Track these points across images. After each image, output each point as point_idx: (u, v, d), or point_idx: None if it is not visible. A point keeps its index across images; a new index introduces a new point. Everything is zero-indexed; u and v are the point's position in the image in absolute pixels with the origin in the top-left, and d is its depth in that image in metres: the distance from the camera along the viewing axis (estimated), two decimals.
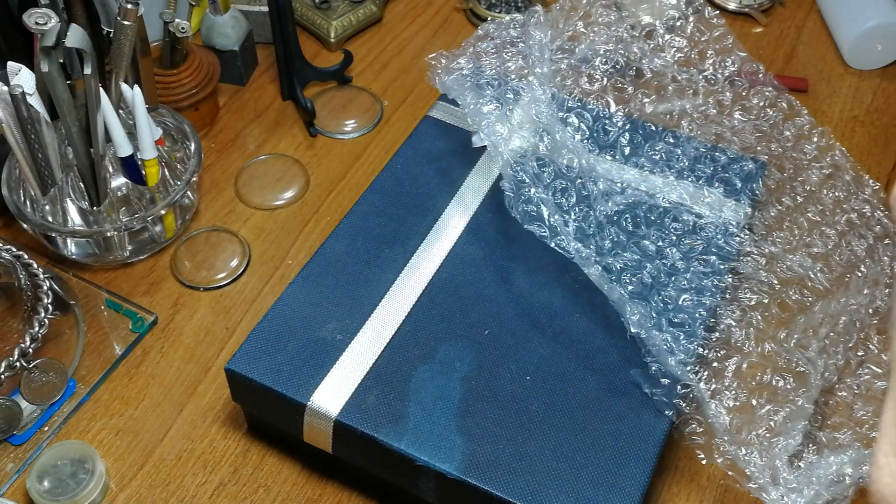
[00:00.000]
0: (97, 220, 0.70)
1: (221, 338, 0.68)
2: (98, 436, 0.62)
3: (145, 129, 0.68)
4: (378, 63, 0.89)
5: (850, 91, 0.86)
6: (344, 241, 0.64)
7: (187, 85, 0.78)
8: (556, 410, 0.55)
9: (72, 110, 0.64)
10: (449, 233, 0.64)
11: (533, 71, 0.65)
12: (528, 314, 0.60)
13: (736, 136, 0.71)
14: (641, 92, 0.72)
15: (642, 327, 0.55)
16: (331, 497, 0.60)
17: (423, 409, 0.55)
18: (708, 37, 0.74)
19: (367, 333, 0.58)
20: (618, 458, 0.53)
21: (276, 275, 0.72)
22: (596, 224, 0.61)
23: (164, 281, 0.71)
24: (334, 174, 0.79)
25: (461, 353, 0.58)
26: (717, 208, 0.65)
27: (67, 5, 0.69)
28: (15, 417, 0.61)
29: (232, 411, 0.63)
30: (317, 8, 0.91)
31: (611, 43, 0.72)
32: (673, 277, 0.60)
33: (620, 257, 0.60)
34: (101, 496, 0.59)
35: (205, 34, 0.84)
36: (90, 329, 0.67)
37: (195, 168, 0.70)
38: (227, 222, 0.75)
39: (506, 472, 0.52)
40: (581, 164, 0.62)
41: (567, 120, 0.68)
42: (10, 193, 0.68)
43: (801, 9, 0.95)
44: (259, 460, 0.61)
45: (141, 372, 0.66)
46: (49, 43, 0.59)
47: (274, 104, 0.85)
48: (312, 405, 0.55)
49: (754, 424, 0.56)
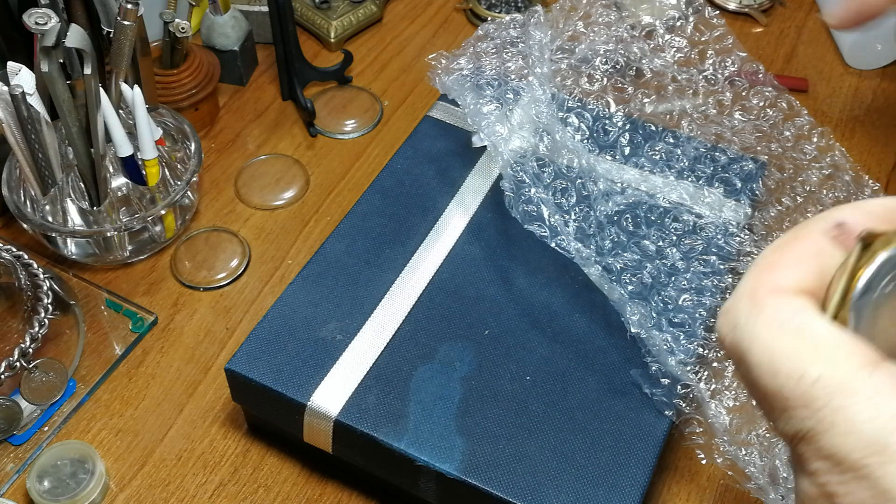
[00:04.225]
0: (97, 220, 0.70)
1: (221, 338, 0.68)
2: (98, 436, 0.62)
3: (145, 129, 0.68)
4: (378, 63, 0.89)
5: (850, 91, 0.86)
6: (344, 241, 0.64)
7: (187, 85, 0.78)
8: (556, 410, 0.55)
9: (72, 110, 0.64)
10: (449, 233, 0.64)
11: (533, 71, 0.65)
12: (528, 314, 0.60)
13: (736, 136, 0.71)
14: (641, 92, 0.72)
15: (642, 327, 0.55)
16: (331, 497, 0.60)
17: (423, 409, 0.55)
18: (708, 37, 0.74)
19: (367, 333, 0.58)
20: (618, 458, 0.53)
21: (276, 275, 0.72)
22: (596, 224, 0.61)
23: (164, 281, 0.71)
24: (334, 174, 0.79)
25: (461, 353, 0.58)
26: (717, 208, 0.65)
27: (67, 5, 0.69)
28: (15, 417, 0.61)
29: (232, 411, 0.63)
30: (317, 8, 0.91)
31: (611, 43, 0.72)
32: (673, 277, 0.60)
33: (620, 257, 0.60)
34: (101, 496, 0.59)
35: (205, 34, 0.84)
36: (90, 329, 0.67)
37: (195, 168, 0.70)
38: (227, 222, 0.75)
39: (506, 472, 0.52)
40: (581, 164, 0.62)
41: (567, 120, 0.68)
42: (10, 193, 0.68)
43: (801, 9, 0.95)
44: (259, 460, 0.61)
45: (141, 372, 0.66)
46: (49, 43, 0.59)
47: (274, 104, 0.85)
48: (312, 405, 0.55)
49: (754, 424, 0.56)
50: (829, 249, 0.31)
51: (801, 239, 0.31)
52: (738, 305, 0.31)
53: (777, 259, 0.31)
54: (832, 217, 0.31)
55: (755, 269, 0.31)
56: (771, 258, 0.31)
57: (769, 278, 0.31)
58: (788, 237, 0.32)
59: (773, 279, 0.30)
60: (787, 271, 0.30)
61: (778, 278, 0.30)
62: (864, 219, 0.31)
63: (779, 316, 0.29)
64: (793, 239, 0.31)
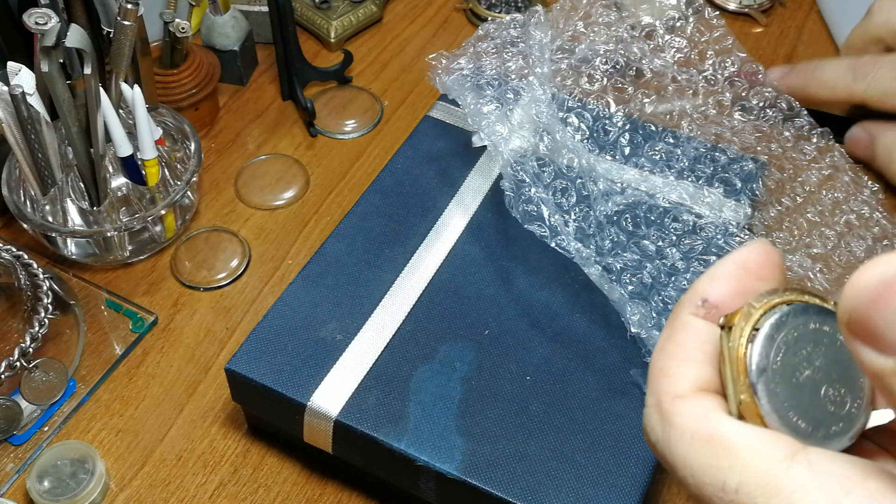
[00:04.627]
0: (97, 220, 0.70)
1: (221, 338, 0.68)
2: (98, 436, 0.62)
3: (145, 129, 0.68)
4: (378, 63, 0.89)
5: None
6: (344, 241, 0.64)
7: (187, 85, 0.78)
8: (556, 410, 0.55)
9: (72, 110, 0.64)
10: (449, 233, 0.64)
11: (533, 71, 0.65)
12: (528, 314, 0.60)
13: (736, 136, 0.71)
14: (641, 92, 0.72)
15: (642, 327, 0.55)
16: (331, 497, 0.60)
17: (423, 409, 0.55)
18: (708, 37, 0.74)
19: (367, 333, 0.58)
20: (618, 458, 0.53)
21: (276, 275, 0.72)
22: (596, 224, 0.61)
23: (164, 281, 0.71)
24: (334, 174, 0.79)
25: (461, 353, 0.58)
26: (717, 208, 0.65)
27: (67, 5, 0.69)
28: (15, 417, 0.61)
29: (232, 411, 0.63)
30: (317, 8, 0.91)
31: (611, 43, 0.72)
32: (673, 277, 0.60)
33: (620, 257, 0.60)
34: (101, 496, 0.59)
35: (205, 34, 0.84)
36: (90, 329, 0.67)
37: (195, 168, 0.70)
38: (227, 222, 0.75)
39: (506, 472, 0.52)
40: (581, 164, 0.62)
41: (567, 120, 0.68)
42: (10, 193, 0.68)
43: (801, 9, 0.95)
44: (259, 460, 0.61)
45: (141, 372, 0.66)
46: (49, 43, 0.59)
47: (274, 104, 0.85)
48: (312, 405, 0.55)
49: None
50: (706, 331, 0.31)
51: (677, 332, 0.31)
52: (651, 420, 0.31)
53: (667, 364, 0.31)
54: (695, 296, 0.31)
55: (651, 377, 0.31)
56: (661, 363, 0.31)
57: (666, 386, 0.30)
58: (666, 333, 0.32)
59: (670, 386, 0.30)
60: (679, 372, 0.30)
61: (674, 384, 0.30)
62: (721, 288, 0.31)
63: (688, 426, 0.29)
64: (670, 334, 0.31)
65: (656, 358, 0.32)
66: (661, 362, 0.31)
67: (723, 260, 0.32)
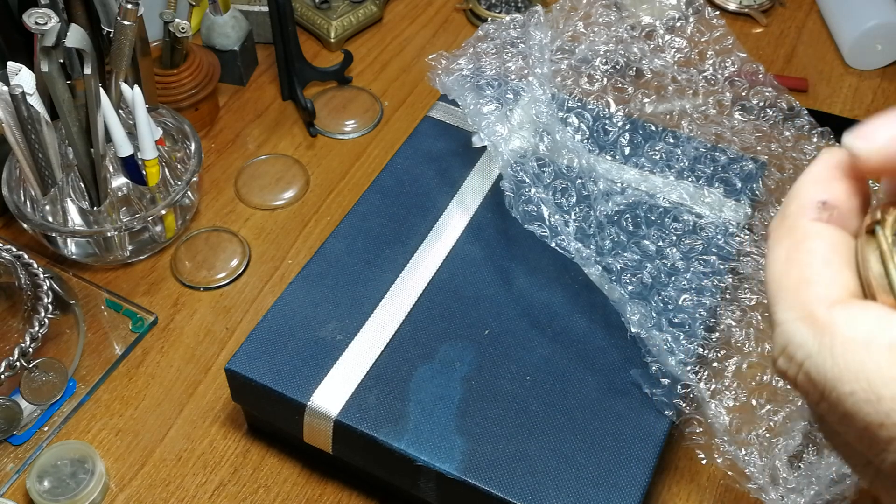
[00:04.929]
0: (97, 220, 0.70)
1: (221, 338, 0.68)
2: (98, 436, 0.62)
3: (145, 129, 0.68)
4: (378, 63, 0.89)
5: (850, 91, 0.86)
6: (344, 241, 0.64)
7: (187, 85, 0.78)
8: (556, 410, 0.55)
9: (72, 110, 0.64)
10: (449, 233, 0.64)
11: (533, 71, 0.65)
12: (528, 314, 0.60)
13: (736, 136, 0.71)
14: (641, 92, 0.72)
15: (642, 327, 0.55)
16: (331, 497, 0.60)
17: (423, 409, 0.55)
18: (708, 37, 0.74)
19: (367, 333, 0.58)
20: (618, 458, 0.53)
21: (276, 275, 0.72)
22: (596, 224, 0.61)
23: (164, 281, 0.71)
24: (334, 174, 0.79)
25: (461, 353, 0.58)
26: (717, 208, 0.65)
27: (67, 5, 0.69)
28: (15, 417, 0.61)
29: (232, 411, 0.63)
30: (317, 8, 0.91)
31: (611, 43, 0.72)
32: (673, 277, 0.60)
33: (620, 257, 0.60)
34: (101, 496, 0.59)
35: (205, 34, 0.84)
36: (90, 329, 0.67)
37: (195, 168, 0.70)
38: (227, 222, 0.75)
39: (506, 472, 0.52)
40: (581, 164, 0.62)
41: (567, 120, 0.68)
42: (10, 193, 0.68)
43: (801, 9, 0.95)
44: (259, 460, 0.61)
45: (141, 372, 0.66)
46: (49, 43, 0.59)
47: (274, 104, 0.85)
48: (312, 405, 0.55)
49: (754, 424, 0.56)
50: (836, 236, 0.28)
51: (805, 239, 0.28)
52: (797, 336, 0.27)
53: (805, 272, 0.28)
54: (808, 202, 0.29)
55: (787, 290, 0.28)
56: (798, 273, 0.28)
57: (816, 295, 0.27)
58: (788, 243, 0.29)
59: (821, 293, 0.27)
60: (826, 279, 0.27)
61: (825, 291, 0.27)
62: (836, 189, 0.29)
63: (858, 334, 0.26)
64: (796, 243, 0.29)
65: (786, 270, 0.28)
66: (798, 271, 0.28)
67: (814, 166, 0.30)
